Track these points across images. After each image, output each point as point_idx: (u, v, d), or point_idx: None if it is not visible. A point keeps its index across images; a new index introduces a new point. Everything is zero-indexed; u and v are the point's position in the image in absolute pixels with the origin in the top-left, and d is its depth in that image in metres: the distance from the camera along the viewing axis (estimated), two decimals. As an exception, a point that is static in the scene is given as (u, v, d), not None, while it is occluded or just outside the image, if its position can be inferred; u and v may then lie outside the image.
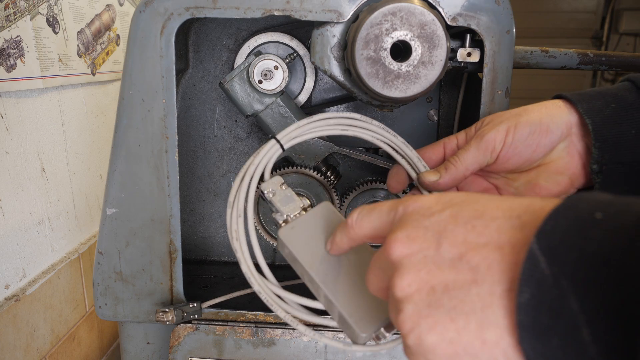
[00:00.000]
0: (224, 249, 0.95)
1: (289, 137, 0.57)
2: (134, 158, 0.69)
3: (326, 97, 0.86)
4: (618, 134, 0.52)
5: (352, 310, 0.44)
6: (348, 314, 0.44)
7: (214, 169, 0.91)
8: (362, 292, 0.45)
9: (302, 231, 0.49)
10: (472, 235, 0.31)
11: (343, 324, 0.45)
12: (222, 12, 0.63)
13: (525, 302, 0.27)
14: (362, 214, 0.40)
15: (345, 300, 0.45)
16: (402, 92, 0.61)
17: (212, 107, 0.89)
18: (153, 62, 0.66)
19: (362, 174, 0.87)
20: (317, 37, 0.65)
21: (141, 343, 0.79)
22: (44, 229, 1.20)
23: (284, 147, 0.57)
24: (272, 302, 0.53)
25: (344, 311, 0.44)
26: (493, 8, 0.62)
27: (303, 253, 0.47)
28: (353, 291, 0.45)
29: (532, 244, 0.27)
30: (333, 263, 0.47)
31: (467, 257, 0.31)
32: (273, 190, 0.53)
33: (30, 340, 1.11)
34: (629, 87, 0.54)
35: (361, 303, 0.45)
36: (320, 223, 0.49)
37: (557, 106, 0.55)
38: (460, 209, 0.33)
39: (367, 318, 0.44)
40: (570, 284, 0.26)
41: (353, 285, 0.46)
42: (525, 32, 3.40)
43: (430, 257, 0.32)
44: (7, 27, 1.00)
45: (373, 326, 0.44)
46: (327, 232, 0.48)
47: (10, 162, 1.06)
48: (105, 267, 0.73)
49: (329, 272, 0.46)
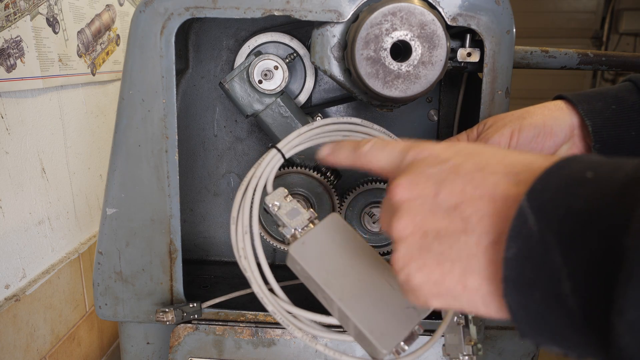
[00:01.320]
0: (224, 249, 0.95)
1: (290, 145, 0.57)
2: (134, 158, 0.69)
3: (326, 97, 0.86)
4: (618, 136, 0.52)
5: (372, 327, 0.44)
6: (368, 330, 0.44)
7: (214, 169, 0.91)
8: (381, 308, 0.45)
9: (313, 246, 0.48)
10: (469, 186, 0.32)
11: (362, 340, 0.45)
12: (222, 12, 0.63)
13: (512, 257, 0.28)
14: (376, 147, 0.41)
15: (364, 317, 0.45)
16: (402, 92, 0.61)
17: (212, 107, 0.89)
18: (153, 62, 0.66)
19: (362, 174, 0.87)
20: (317, 37, 0.65)
21: (141, 343, 0.79)
22: (44, 229, 1.20)
23: (285, 156, 0.56)
24: (288, 323, 0.53)
25: (363, 328, 0.44)
26: (493, 8, 0.62)
27: (317, 269, 0.47)
28: (371, 307, 0.45)
29: (522, 202, 0.29)
30: (349, 278, 0.46)
31: (462, 207, 0.32)
32: (278, 203, 0.51)
33: (30, 340, 1.11)
34: (630, 88, 0.54)
35: (380, 319, 0.44)
36: (331, 236, 0.48)
37: (559, 108, 0.55)
38: (465, 160, 0.34)
39: (388, 333, 0.44)
40: (555, 239, 0.27)
41: (371, 300, 0.45)
42: (525, 32, 3.40)
43: (428, 204, 0.34)
44: (7, 27, 1.00)
45: (394, 341, 0.44)
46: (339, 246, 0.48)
47: (10, 162, 1.06)
48: (105, 267, 0.73)
49: (345, 288, 0.46)
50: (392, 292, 0.46)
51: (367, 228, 0.79)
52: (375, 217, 0.79)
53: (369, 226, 0.79)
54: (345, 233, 0.49)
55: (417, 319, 0.45)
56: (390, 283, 0.46)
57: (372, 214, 0.79)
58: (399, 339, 0.44)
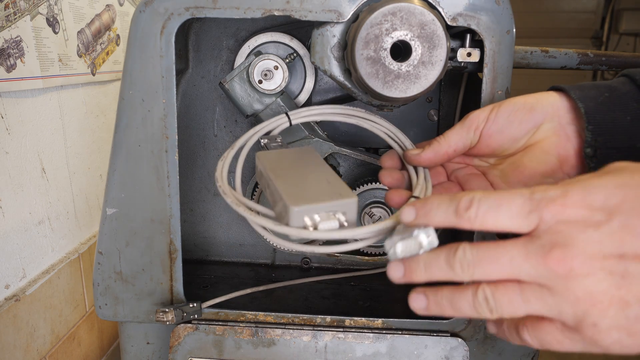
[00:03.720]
0: (224, 249, 0.95)
1: (299, 114, 0.64)
2: (134, 158, 0.69)
3: (326, 97, 0.86)
4: (612, 120, 0.52)
5: (289, 191, 0.45)
6: (285, 193, 0.45)
7: (214, 169, 0.91)
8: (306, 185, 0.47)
9: (276, 155, 0.54)
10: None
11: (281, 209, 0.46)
12: (222, 12, 0.63)
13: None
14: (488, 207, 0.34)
15: (287, 187, 0.46)
16: (402, 92, 0.61)
17: (212, 107, 0.89)
18: (153, 62, 0.66)
19: (362, 174, 0.87)
20: (317, 37, 0.65)
21: (141, 343, 0.79)
22: (44, 229, 1.20)
23: (291, 122, 0.63)
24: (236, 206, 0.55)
25: (283, 193, 0.45)
26: (493, 8, 0.62)
27: (268, 166, 0.51)
28: (299, 184, 0.47)
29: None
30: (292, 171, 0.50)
31: None
32: (267, 140, 0.60)
33: (30, 340, 1.11)
34: (624, 81, 0.54)
35: (301, 189, 0.46)
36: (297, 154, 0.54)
37: (544, 93, 0.56)
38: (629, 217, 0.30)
39: (302, 196, 0.44)
40: None
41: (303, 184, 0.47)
42: (525, 32, 3.40)
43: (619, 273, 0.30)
44: (7, 27, 1.00)
45: (304, 203, 0.43)
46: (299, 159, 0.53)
47: (10, 162, 1.06)
48: (105, 267, 0.73)
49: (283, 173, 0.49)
50: (326, 184, 0.47)
51: (367, 228, 0.79)
52: (375, 217, 0.79)
53: (369, 226, 0.79)
54: (312, 156, 0.53)
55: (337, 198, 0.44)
56: (329, 180, 0.48)
57: (372, 214, 0.79)
58: (311, 205, 0.43)
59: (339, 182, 0.48)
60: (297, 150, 0.56)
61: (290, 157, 0.53)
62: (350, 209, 0.44)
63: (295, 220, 0.43)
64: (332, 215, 0.43)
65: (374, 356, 0.71)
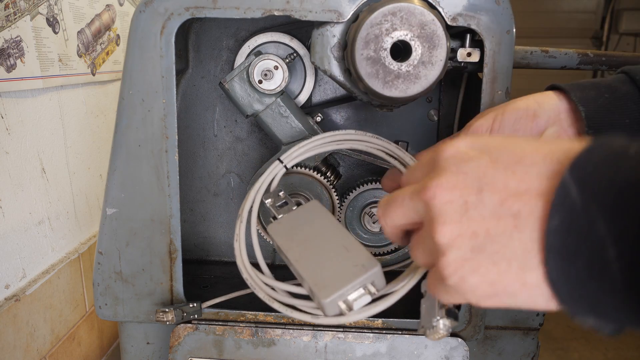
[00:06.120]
0: (224, 249, 0.95)
1: (291, 157, 0.64)
2: (134, 158, 0.69)
3: (326, 97, 0.86)
4: (611, 122, 0.52)
5: (316, 280, 0.47)
6: (313, 283, 0.47)
7: (214, 169, 0.91)
8: (331, 267, 0.48)
9: (287, 225, 0.55)
10: (513, 181, 0.32)
11: (313, 295, 0.48)
12: (222, 12, 0.63)
13: (555, 228, 0.29)
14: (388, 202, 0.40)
15: (313, 273, 0.48)
16: (402, 92, 0.61)
17: (212, 107, 0.89)
18: (153, 62, 0.66)
19: (362, 174, 0.87)
20: (317, 37, 0.65)
21: (141, 343, 0.79)
22: (44, 229, 1.20)
23: (287, 167, 0.63)
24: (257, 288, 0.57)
25: (310, 281, 0.47)
26: (493, 8, 0.62)
27: (284, 241, 0.52)
28: (323, 266, 0.48)
29: (565, 174, 0.29)
30: (309, 245, 0.51)
31: (508, 203, 0.32)
32: (272, 199, 0.60)
33: (30, 340, 1.11)
34: (623, 79, 0.54)
35: (327, 274, 0.47)
36: (305, 218, 0.54)
37: (545, 95, 0.56)
38: (499, 154, 0.33)
39: (330, 285, 0.46)
40: (599, 209, 0.27)
41: (325, 261, 0.48)
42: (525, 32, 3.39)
43: (472, 203, 0.33)
44: (7, 27, 1.00)
45: (334, 292, 0.45)
46: (310, 224, 0.53)
47: (10, 162, 1.06)
48: (105, 267, 0.73)
49: (303, 252, 0.50)
50: (346, 254, 0.49)
51: (367, 228, 0.79)
52: (375, 217, 0.79)
53: (369, 226, 0.79)
54: (320, 215, 0.54)
55: (363, 273, 0.46)
56: (347, 247, 0.49)
57: (372, 214, 0.79)
58: (341, 290, 0.46)
59: (357, 246, 0.50)
60: (304, 211, 0.56)
61: (300, 226, 0.54)
62: (377, 277, 0.47)
63: (330, 309, 0.46)
64: (362, 290, 0.47)
65: (374, 356, 0.71)
